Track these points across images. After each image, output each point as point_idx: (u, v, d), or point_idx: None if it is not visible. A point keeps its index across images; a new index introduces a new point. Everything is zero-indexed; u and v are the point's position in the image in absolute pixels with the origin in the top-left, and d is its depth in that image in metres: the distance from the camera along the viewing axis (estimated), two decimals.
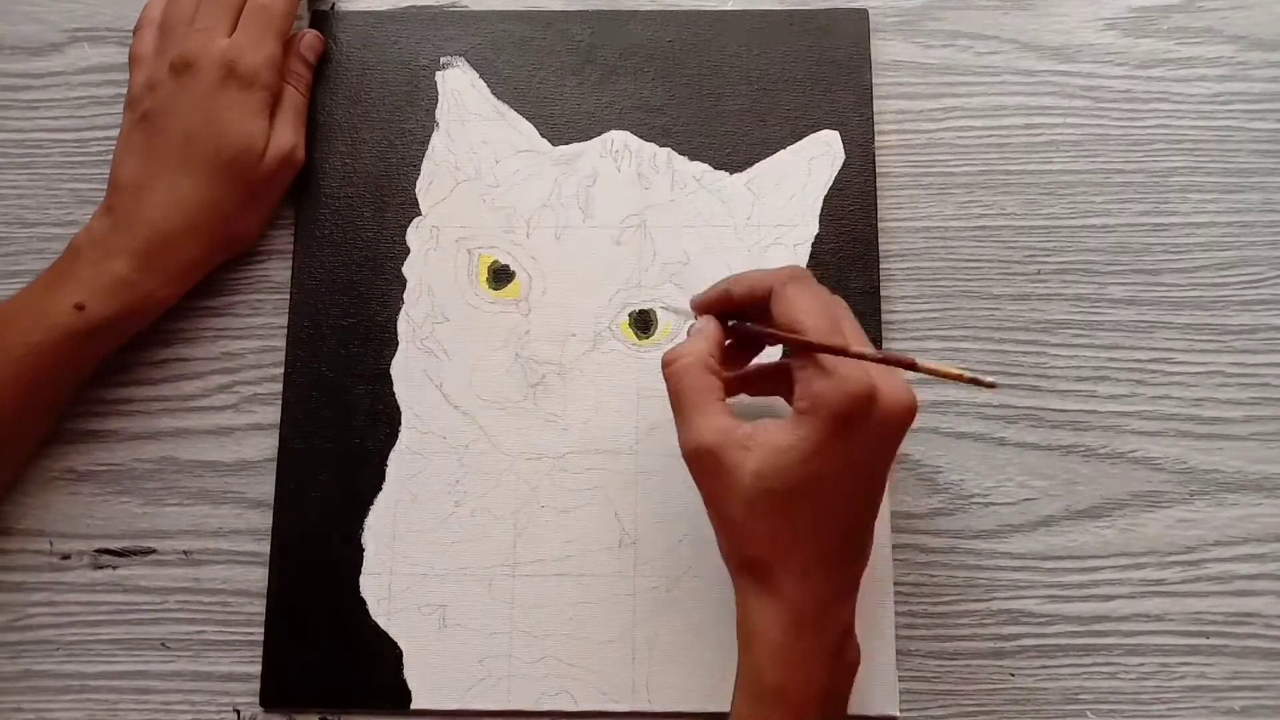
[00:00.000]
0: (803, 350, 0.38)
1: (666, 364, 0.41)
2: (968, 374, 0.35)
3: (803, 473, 0.37)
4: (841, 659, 0.40)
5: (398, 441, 0.49)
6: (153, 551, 0.48)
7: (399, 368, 0.49)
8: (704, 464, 0.39)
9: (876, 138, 0.51)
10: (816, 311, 0.38)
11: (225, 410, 0.50)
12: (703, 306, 0.43)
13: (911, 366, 0.37)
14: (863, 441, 0.37)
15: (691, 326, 0.43)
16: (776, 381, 0.43)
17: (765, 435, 0.38)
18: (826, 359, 0.37)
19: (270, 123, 0.49)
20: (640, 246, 0.50)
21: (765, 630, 0.39)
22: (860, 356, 0.37)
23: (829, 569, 0.39)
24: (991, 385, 0.35)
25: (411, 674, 0.46)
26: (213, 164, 0.48)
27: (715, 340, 0.41)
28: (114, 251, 0.46)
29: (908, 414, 0.38)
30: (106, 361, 0.49)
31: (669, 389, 0.40)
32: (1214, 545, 0.47)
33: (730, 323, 0.42)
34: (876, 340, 0.49)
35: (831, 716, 0.40)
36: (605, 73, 0.52)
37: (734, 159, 0.51)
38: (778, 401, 0.44)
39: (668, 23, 0.53)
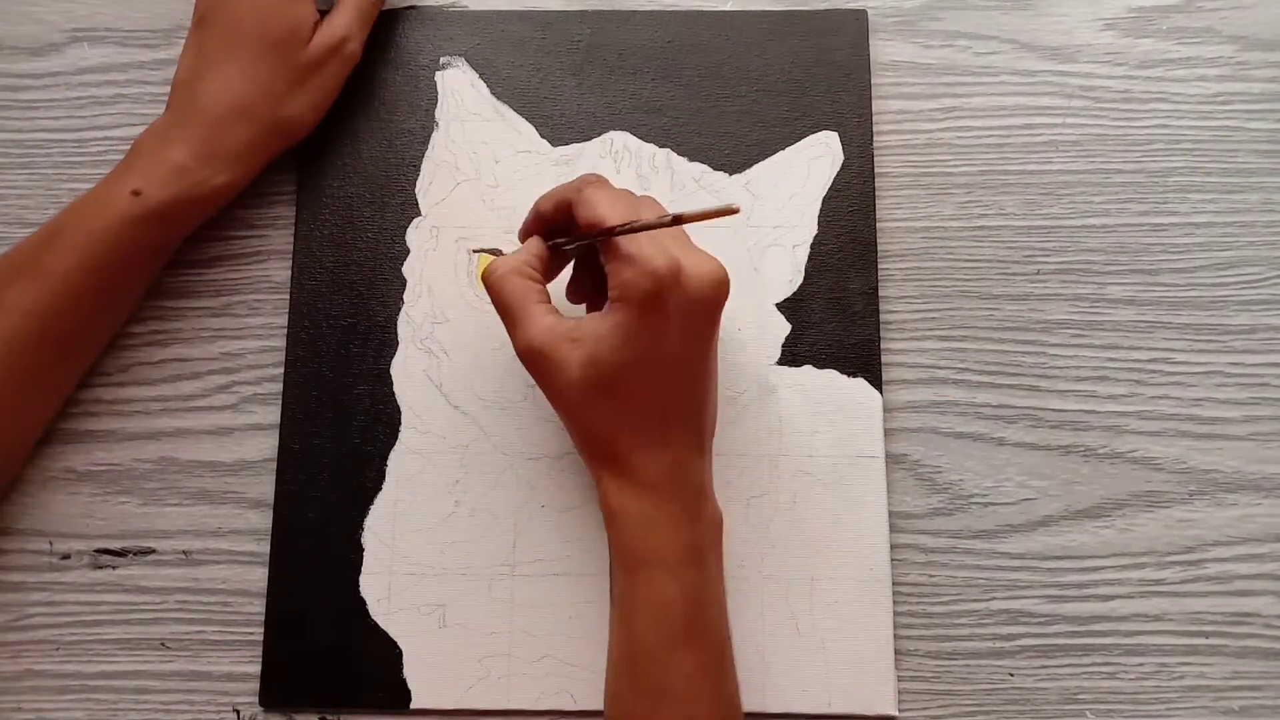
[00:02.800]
0: (603, 243, 0.40)
1: (485, 277, 0.43)
2: (717, 207, 0.37)
3: (625, 355, 0.40)
4: (701, 517, 0.42)
5: (398, 441, 0.49)
6: (152, 551, 0.48)
7: (399, 368, 0.49)
8: (537, 363, 0.41)
9: (875, 138, 0.51)
10: (612, 205, 0.40)
11: (225, 410, 0.50)
12: (524, 233, 0.45)
13: (677, 222, 0.38)
14: (677, 317, 0.40)
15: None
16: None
17: (589, 326, 0.41)
18: (628, 248, 0.39)
19: (330, 15, 0.50)
20: None
21: (624, 505, 0.41)
22: (638, 229, 0.39)
23: (671, 439, 0.41)
24: (734, 210, 0.36)
25: (411, 673, 0.46)
26: (257, 47, 0.48)
27: (533, 252, 0.43)
28: (171, 141, 0.48)
29: (718, 286, 0.40)
30: (172, 253, 0.50)
31: (492, 300, 0.43)
32: (1213, 545, 0.47)
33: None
34: (875, 343, 0.49)
35: (708, 576, 0.42)
36: (605, 73, 0.52)
37: (733, 160, 0.51)
38: None
39: (667, 23, 0.53)
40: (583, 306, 0.46)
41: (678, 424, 0.42)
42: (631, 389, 0.40)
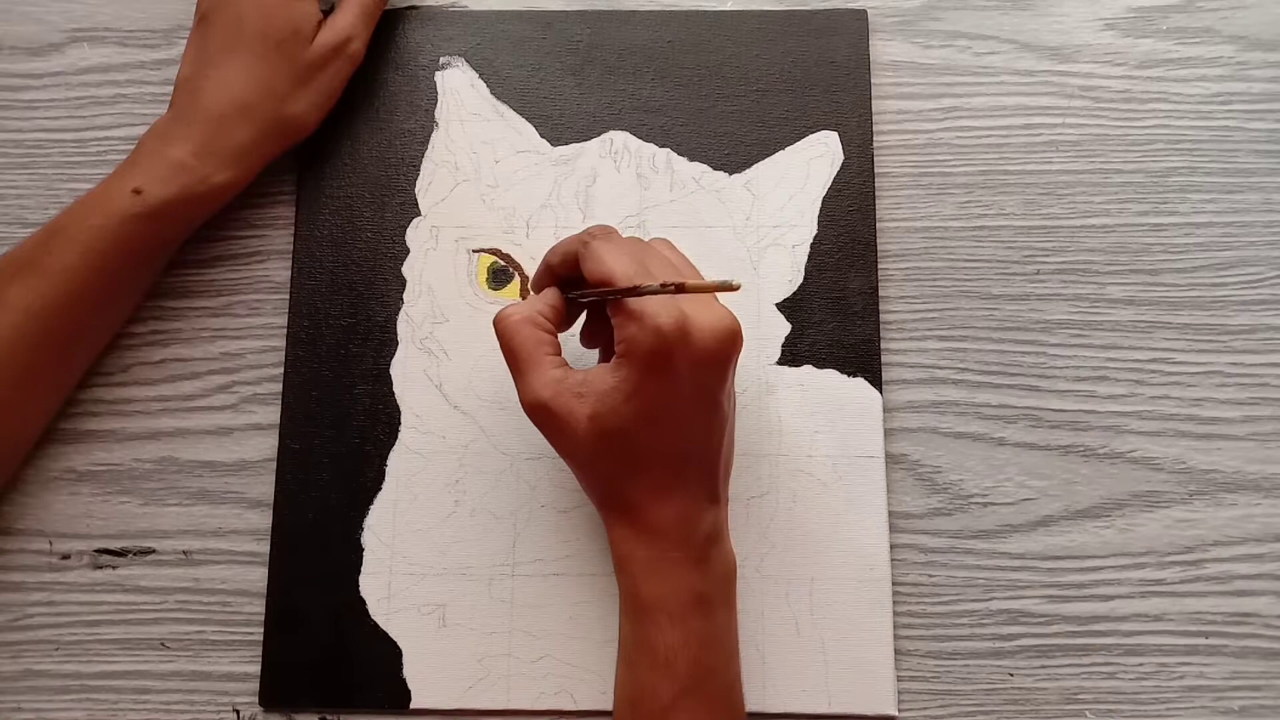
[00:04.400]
0: (609, 301, 0.40)
1: (497, 322, 0.42)
2: (719, 281, 0.37)
3: (630, 410, 0.39)
4: (710, 565, 0.42)
5: (397, 441, 0.49)
6: (152, 551, 0.48)
7: (399, 368, 0.49)
8: (543, 417, 0.41)
9: (875, 138, 0.51)
10: (619, 260, 0.40)
11: (225, 410, 0.50)
12: (536, 284, 0.45)
13: (680, 290, 0.38)
14: (685, 373, 0.39)
15: None
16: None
17: (595, 381, 0.40)
18: (635, 304, 0.39)
19: (334, 15, 0.50)
20: None
21: (633, 551, 0.41)
22: (642, 294, 0.38)
23: (680, 488, 0.41)
24: (736, 286, 0.36)
25: (411, 673, 0.46)
26: (260, 46, 0.48)
27: (548, 301, 0.43)
28: (172, 139, 0.48)
29: (727, 340, 0.39)
30: (173, 251, 0.50)
31: (501, 347, 0.42)
32: (1213, 545, 0.47)
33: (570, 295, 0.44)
34: (875, 343, 0.49)
35: (716, 626, 0.42)
36: (605, 73, 0.52)
37: (733, 159, 0.51)
38: None
39: (667, 23, 0.53)
40: (595, 354, 0.46)
41: (688, 474, 0.41)
42: (638, 443, 0.40)
